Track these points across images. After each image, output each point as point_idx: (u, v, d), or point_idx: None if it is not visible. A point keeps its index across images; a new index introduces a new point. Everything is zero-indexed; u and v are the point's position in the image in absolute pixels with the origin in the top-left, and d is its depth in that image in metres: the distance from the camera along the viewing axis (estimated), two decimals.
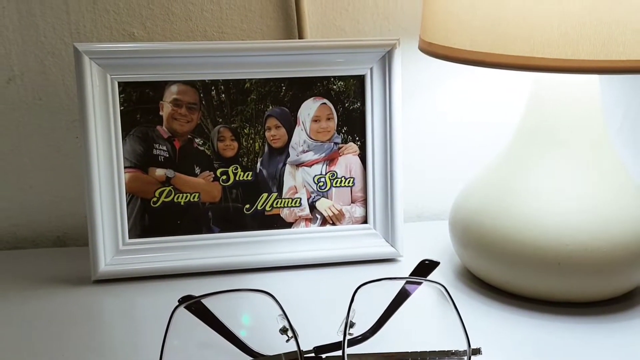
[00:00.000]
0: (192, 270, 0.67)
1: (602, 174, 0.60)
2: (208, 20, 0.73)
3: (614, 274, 0.58)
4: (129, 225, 0.66)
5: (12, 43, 0.71)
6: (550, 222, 0.58)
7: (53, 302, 0.63)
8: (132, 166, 0.66)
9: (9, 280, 0.67)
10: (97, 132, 0.64)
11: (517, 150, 0.64)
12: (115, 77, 0.64)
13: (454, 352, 0.52)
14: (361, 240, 0.70)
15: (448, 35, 0.57)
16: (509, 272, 0.61)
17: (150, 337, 0.56)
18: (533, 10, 0.51)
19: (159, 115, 0.66)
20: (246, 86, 0.67)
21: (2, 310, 0.62)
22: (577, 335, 0.57)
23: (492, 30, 0.53)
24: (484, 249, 0.62)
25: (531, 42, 0.52)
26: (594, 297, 0.60)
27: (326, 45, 0.69)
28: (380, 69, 0.68)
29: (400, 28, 0.77)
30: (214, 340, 0.53)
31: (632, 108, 0.83)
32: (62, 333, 0.58)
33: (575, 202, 0.59)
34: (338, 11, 0.76)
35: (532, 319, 0.59)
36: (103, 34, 0.71)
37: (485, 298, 0.62)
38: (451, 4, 0.56)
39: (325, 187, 0.69)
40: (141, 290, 0.65)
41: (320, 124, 0.69)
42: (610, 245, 0.57)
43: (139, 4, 0.71)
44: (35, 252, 0.74)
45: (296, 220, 0.69)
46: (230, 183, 0.68)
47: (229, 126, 0.67)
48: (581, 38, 0.50)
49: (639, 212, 0.60)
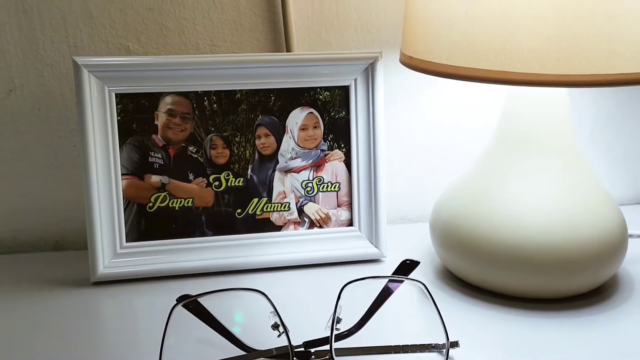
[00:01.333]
0: (186, 271, 0.69)
1: (571, 179, 0.64)
2: (200, 33, 0.75)
3: (582, 272, 0.61)
4: (126, 229, 0.68)
5: (13, 56, 0.73)
6: (524, 224, 0.61)
7: (54, 303, 0.65)
8: (129, 173, 0.68)
9: (11, 283, 0.69)
10: (96, 141, 0.66)
11: (492, 157, 0.67)
12: (113, 89, 0.66)
13: (434, 346, 0.55)
14: (347, 242, 0.73)
15: (427, 50, 0.60)
16: (486, 271, 0.64)
17: (148, 335, 0.58)
18: (504, 27, 0.54)
19: (154, 125, 0.68)
20: (237, 97, 0.69)
21: (4, 311, 0.64)
22: (549, 329, 0.60)
23: (467, 46, 0.56)
24: (462, 249, 0.65)
25: (502, 57, 0.55)
26: (563, 293, 0.63)
27: (312, 58, 0.71)
28: (363, 80, 0.71)
29: (383, 40, 0.79)
30: (209, 337, 0.55)
31: (601, 113, 0.87)
32: (63, 333, 0.60)
33: (547, 205, 0.62)
34: (324, 25, 0.78)
35: (507, 314, 0.62)
36: (99, 48, 0.73)
37: (463, 295, 0.65)
38: (429, 22, 0.59)
39: (313, 192, 0.72)
40: (138, 291, 0.67)
41: (308, 132, 0.71)
42: (579, 245, 0.61)
43: (134, 19, 0.73)
44: (35, 256, 0.76)
45: (285, 223, 0.72)
46: (223, 189, 0.70)
47: (220, 135, 0.69)
48: (548, 53, 0.53)
49: (606, 215, 0.63)
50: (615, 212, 0.64)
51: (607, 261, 0.62)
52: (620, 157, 0.89)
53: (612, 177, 0.89)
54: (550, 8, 0.52)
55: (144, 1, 0.73)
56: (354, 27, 0.79)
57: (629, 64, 0.53)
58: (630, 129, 0.88)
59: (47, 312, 0.63)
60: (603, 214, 0.62)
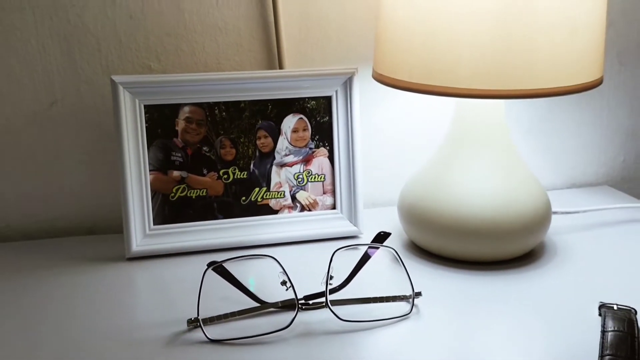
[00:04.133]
0: (202, 248, 0.79)
1: (505, 168, 0.76)
2: (208, 54, 0.84)
3: (515, 240, 0.75)
4: (153, 214, 0.79)
5: (55, 74, 0.82)
6: (469, 204, 0.74)
7: (95, 276, 0.74)
8: (155, 169, 0.79)
9: (55, 261, 0.78)
10: (129, 143, 0.76)
11: (445, 153, 0.79)
12: (142, 101, 0.77)
13: (403, 296, 0.68)
14: (331, 222, 0.83)
15: (393, 69, 0.72)
16: (441, 241, 0.76)
17: (176, 298, 0.70)
18: (452, 54, 0.66)
19: (175, 130, 0.79)
20: (241, 106, 0.80)
21: (53, 284, 0.73)
22: (489, 284, 0.72)
23: (423, 67, 0.68)
24: (423, 225, 0.77)
25: (451, 76, 0.67)
26: (501, 257, 0.76)
27: (301, 74, 0.81)
28: (343, 91, 0.81)
29: (359, 57, 0.87)
30: (230, 295, 0.66)
31: (536, 114, 0.98)
32: (105, 299, 0.70)
33: (487, 189, 0.74)
34: (310, 46, 0.87)
35: (457, 274, 0.74)
36: (127, 67, 0.82)
37: (424, 261, 0.77)
38: (395, 47, 0.71)
39: (303, 182, 0.83)
40: (164, 264, 0.77)
41: (298, 134, 0.82)
42: (511, 219, 0.73)
43: (155, 43, 0.82)
44: (72, 239, 0.84)
45: (281, 208, 0.83)
46: (230, 181, 0.81)
47: (228, 137, 0.80)
48: (485, 73, 0.65)
49: (533, 195, 0.76)
50: (541, 193, 0.77)
51: (534, 232, 0.76)
52: (551, 150, 1.01)
53: (544, 166, 1.00)
54: (487, 42, 0.65)
55: (163, 28, 0.82)
56: (334, 47, 0.88)
57: (547, 81, 0.66)
58: (560, 126, 1.00)
59: (89, 284, 0.73)
60: (531, 194, 0.75)
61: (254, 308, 0.66)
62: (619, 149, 1.05)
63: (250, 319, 0.66)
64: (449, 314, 0.68)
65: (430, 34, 0.67)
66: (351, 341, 0.63)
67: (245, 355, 0.60)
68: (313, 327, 0.64)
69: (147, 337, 0.63)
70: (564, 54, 0.67)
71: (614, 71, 1.00)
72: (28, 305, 0.69)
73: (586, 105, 1.01)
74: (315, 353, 0.61)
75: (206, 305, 0.64)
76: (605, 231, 0.86)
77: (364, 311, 0.66)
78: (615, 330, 0.60)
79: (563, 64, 0.67)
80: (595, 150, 1.04)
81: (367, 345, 0.62)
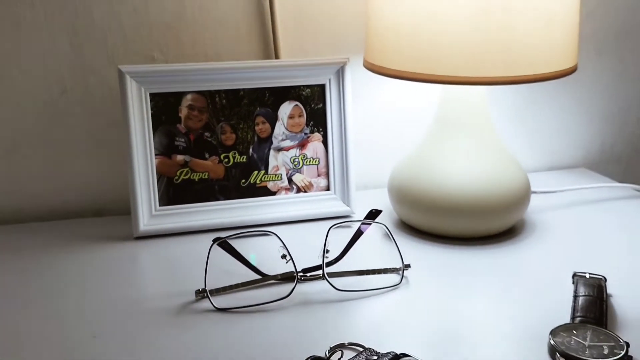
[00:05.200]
0: (205, 228, 0.83)
1: (487, 151, 0.81)
2: (208, 45, 0.88)
3: (496, 217, 0.80)
4: (159, 196, 0.83)
5: (65, 65, 0.86)
6: (454, 184, 0.78)
7: (105, 254, 0.79)
8: (160, 153, 0.83)
9: (66, 241, 0.82)
10: (136, 130, 0.80)
11: (432, 137, 0.83)
12: (147, 89, 0.81)
13: (393, 269, 0.73)
14: (326, 202, 0.87)
15: (384, 58, 0.76)
16: (428, 219, 0.81)
17: (181, 272, 0.74)
18: (438, 43, 0.70)
19: (178, 117, 0.83)
20: (240, 94, 0.84)
21: (66, 262, 0.77)
22: (473, 257, 0.77)
23: (412, 56, 0.72)
24: (412, 204, 0.81)
25: (437, 64, 0.71)
26: (483, 233, 0.81)
27: (296, 64, 0.84)
28: (336, 80, 0.85)
29: (351, 48, 0.90)
30: (233, 268, 0.71)
31: (517, 99, 1.03)
32: (115, 275, 0.74)
33: (470, 170, 0.79)
34: (304, 37, 0.91)
35: (443, 248, 0.79)
36: (131, 58, 0.86)
37: (413, 237, 0.82)
38: (384, 38, 0.75)
39: (299, 165, 0.87)
40: (169, 242, 0.81)
41: (294, 120, 0.86)
42: (493, 198, 0.78)
43: (157, 35, 0.86)
44: (82, 221, 0.88)
45: (278, 190, 0.87)
46: (231, 164, 0.85)
47: (229, 123, 0.84)
48: (470, 62, 0.70)
49: (513, 176, 0.80)
50: (521, 174, 0.82)
51: (514, 210, 0.81)
52: (532, 135, 1.06)
53: (526, 149, 1.05)
54: (470, 33, 0.69)
55: (165, 22, 0.86)
56: (327, 39, 0.92)
57: (525, 68, 0.71)
58: (541, 112, 1.05)
59: (100, 261, 0.77)
60: (511, 175, 0.80)
61: (257, 280, 0.71)
62: (596, 134, 1.10)
63: (253, 290, 0.71)
64: (436, 285, 0.73)
65: (416, 25, 0.72)
66: (346, 309, 0.68)
67: (249, 322, 0.65)
68: (311, 296, 0.69)
69: (158, 307, 0.68)
70: (540, 44, 0.71)
71: (591, 60, 1.05)
72: (43, 281, 0.74)
73: (565, 92, 1.06)
74: (312, 320, 0.66)
75: (211, 278, 0.69)
76: (581, 209, 0.92)
77: (357, 282, 0.71)
78: (586, 295, 0.65)
79: (539, 52, 0.72)
80: (573, 134, 1.09)
81: (361, 313, 0.67)
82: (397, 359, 0.56)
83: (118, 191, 0.90)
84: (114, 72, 0.85)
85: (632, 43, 1.07)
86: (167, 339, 0.63)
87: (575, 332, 0.60)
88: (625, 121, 1.11)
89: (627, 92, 1.09)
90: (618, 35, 1.05)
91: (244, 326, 0.64)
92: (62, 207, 0.91)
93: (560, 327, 0.61)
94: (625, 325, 0.64)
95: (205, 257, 0.69)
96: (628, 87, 1.09)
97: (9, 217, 0.90)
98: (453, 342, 0.62)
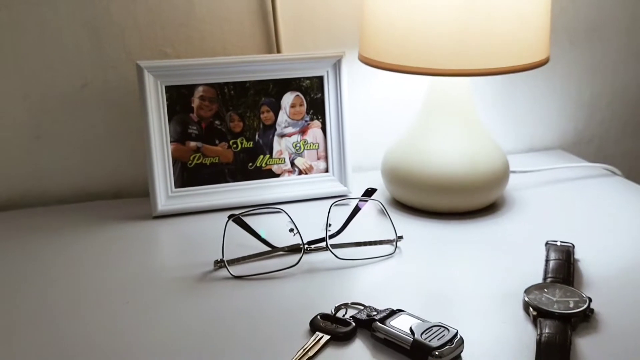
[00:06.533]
0: (216, 207, 0.89)
1: (470, 134, 0.88)
2: (216, 41, 0.94)
3: (478, 194, 0.87)
4: (174, 179, 0.89)
5: (86, 61, 0.91)
6: (442, 165, 0.85)
7: (127, 232, 0.85)
8: (175, 140, 0.89)
9: (88, 221, 0.88)
10: (153, 119, 0.87)
11: (420, 123, 0.90)
12: (163, 82, 0.87)
13: (388, 240, 0.80)
14: (325, 184, 0.93)
15: (377, 52, 0.82)
16: (418, 196, 0.88)
17: (198, 247, 0.81)
18: (426, 39, 0.77)
19: (191, 107, 0.89)
20: (246, 85, 0.90)
21: (89, 240, 0.83)
22: (458, 230, 0.84)
23: (402, 50, 0.79)
24: (403, 183, 0.88)
25: (425, 58, 0.78)
26: (467, 208, 0.88)
27: (297, 57, 0.90)
28: (333, 72, 0.91)
29: (347, 42, 0.96)
30: (245, 242, 0.78)
31: (497, 86, 1.10)
32: (138, 250, 0.80)
33: (456, 152, 0.86)
34: (304, 33, 0.97)
35: (432, 223, 0.86)
36: (145, 53, 0.92)
37: (404, 213, 0.89)
38: (377, 34, 0.82)
39: (300, 150, 0.93)
40: (185, 221, 0.88)
41: (296, 109, 0.92)
42: (476, 176, 0.86)
43: (170, 32, 0.93)
44: (102, 203, 0.94)
45: (282, 172, 0.93)
46: (239, 149, 0.91)
47: (236, 112, 0.91)
48: (454, 56, 0.77)
49: (494, 156, 0.88)
50: (501, 155, 0.89)
51: (495, 187, 0.88)
52: (512, 119, 1.13)
53: (506, 133, 1.13)
54: (454, 30, 0.76)
55: (177, 20, 0.93)
56: (325, 35, 0.98)
57: (503, 61, 0.79)
58: (519, 99, 1.12)
59: (122, 238, 0.83)
60: (492, 156, 0.88)
61: (268, 251, 0.79)
62: (570, 117, 1.18)
63: (264, 260, 0.79)
64: (426, 254, 0.80)
65: (407, 23, 0.79)
66: (347, 275, 0.76)
67: (263, 287, 0.73)
68: (316, 265, 0.78)
69: (180, 276, 0.76)
70: (516, 40, 0.80)
71: (565, 50, 1.13)
72: (71, 257, 0.80)
73: (541, 81, 1.14)
74: (318, 285, 0.74)
75: (227, 251, 0.76)
76: (555, 187, 1.00)
77: (356, 252, 0.79)
78: (556, 259, 0.75)
79: (515, 47, 0.80)
80: (549, 119, 1.16)
81: (360, 278, 0.76)
82: (393, 313, 0.65)
83: (134, 175, 0.97)
84: (131, 66, 0.92)
85: (602, 36, 1.15)
86: (190, 302, 0.71)
87: (546, 290, 0.69)
88: (596, 107, 1.19)
89: (598, 80, 1.17)
90: (589, 29, 1.13)
91: (259, 291, 0.73)
92: (84, 190, 0.97)
93: (533, 286, 0.70)
94: (589, 284, 0.73)
95: (218, 233, 0.77)
96: (598, 75, 1.17)
97: (34, 201, 0.97)
98: (441, 301, 0.70)
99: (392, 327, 0.62)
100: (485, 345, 0.63)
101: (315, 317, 0.66)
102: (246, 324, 0.67)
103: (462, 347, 0.61)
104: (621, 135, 1.22)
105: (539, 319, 0.64)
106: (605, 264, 0.77)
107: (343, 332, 0.64)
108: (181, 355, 0.62)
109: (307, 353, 0.61)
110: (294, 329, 0.65)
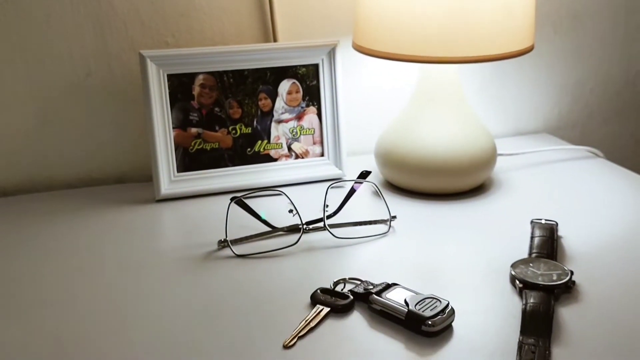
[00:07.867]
0: (217, 191, 0.93)
1: (459, 119, 0.92)
2: (215, 31, 0.97)
3: (467, 176, 0.91)
4: (177, 163, 0.92)
5: (90, 51, 0.94)
6: (432, 148, 0.89)
7: (131, 215, 0.88)
8: (177, 127, 0.92)
9: (95, 204, 0.91)
10: (155, 106, 0.90)
11: (412, 109, 0.94)
12: (165, 71, 0.90)
13: (382, 220, 0.84)
14: (321, 167, 0.97)
15: (370, 41, 0.86)
16: (410, 178, 0.92)
17: (200, 228, 0.84)
18: (417, 28, 0.81)
19: (192, 94, 0.92)
20: (245, 73, 0.93)
21: (96, 222, 0.86)
22: (448, 210, 0.88)
23: (393, 39, 0.83)
24: (395, 166, 0.92)
25: (416, 46, 0.82)
26: (457, 189, 0.92)
27: (293, 46, 0.93)
28: (328, 59, 0.95)
29: (341, 31, 0.99)
30: (246, 223, 0.81)
31: (485, 73, 1.14)
32: (143, 231, 0.84)
33: (446, 136, 0.90)
34: (299, 22, 1.00)
35: (424, 204, 0.90)
36: (148, 43, 0.96)
37: (397, 194, 0.93)
38: (371, 23, 0.85)
39: (297, 135, 0.97)
40: (187, 204, 0.91)
41: (292, 95, 0.96)
42: (465, 159, 0.89)
43: (171, 23, 0.95)
44: (106, 187, 0.98)
45: (279, 157, 0.97)
46: (238, 135, 0.95)
47: (235, 99, 0.94)
48: (444, 44, 0.81)
49: (482, 140, 0.91)
50: (489, 139, 0.93)
51: (483, 169, 0.92)
52: (499, 104, 1.17)
53: (494, 118, 1.16)
54: (444, 19, 0.80)
55: (178, 10, 0.96)
56: (320, 24, 1.01)
57: (490, 49, 0.82)
58: (506, 85, 1.15)
59: (127, 221, 0.86)
60: (480, 139, 0.92)
61: (269, 231, 0.83)
62: (554, 102, 1.22)
63: (265, 239, 0.83)
64: (417, 233, 0.84)
65: (397, 12, 0.82)
66: (344, 253, 0.80)
67: (264, 265, 0.77)
68: (314, 244, 0.82)
69: (185, 255, 0.79)
70: (502, 28, 0.83)
71: (549, 38, 1.17)
72: (78, 240, 0.83)
73: (527, 67, 1.17)
74: (317, 262, 0.78)
75: (229, 232, 0.80)
76: (541, 169, 1.05)
77: (352, 231, 0.83)
78: (540, 236, 0.80)
79: (502, 35, 0.84)
80: (535, 103, 1.20)
81: (357, 255, 0.80)
82: (388, 287, 0.70)
83: (137, 161, 1.00)
84: (133, 56, 0.96)
85: (584, 24, 1.18)
86: (195, 280, 0.74)
87: (531, 264, 0.73)
88: (579, 92, 1.23)
89: (581, 66, 1.21)
90: (572, 17, 1.17)
91: (261, 268, 0.77)
92: (88, 175, 1.01)
93: (519, 261, 0.74)
94: (571, 258, 0.78)
95: (219, 215, 0.81)
96: (581, 62, 1.21)
97: (40, 186, 1.00)
98: (432, 275, 0.75)
99: (387, 299, 0.67)
100: (475, 315, 0.67)
101: (316, 291, 0.70)
102: (251, 299, 0.71)
103: (453, 316, 0.65)
104: (603, 119, 1.26)
105: (525, 291, 0.69)
106: (587, 240, 0.82)
107: (342, 304, 0.68)
108: (189, 330, 0.66)
109: (309, 324, 0.65)
110: (296, 302, 0.70)
